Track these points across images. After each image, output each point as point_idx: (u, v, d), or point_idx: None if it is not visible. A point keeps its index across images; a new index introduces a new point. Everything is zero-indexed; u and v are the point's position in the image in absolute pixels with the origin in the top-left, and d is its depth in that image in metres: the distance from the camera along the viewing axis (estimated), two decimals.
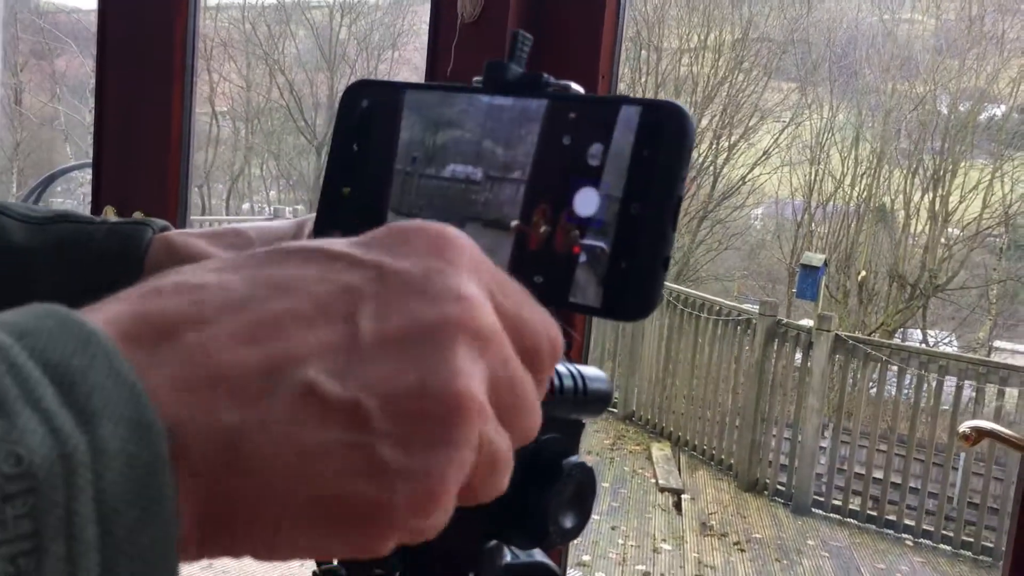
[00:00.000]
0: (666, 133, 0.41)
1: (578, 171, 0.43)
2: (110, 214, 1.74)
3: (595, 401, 0.45)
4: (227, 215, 11.44)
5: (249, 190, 13.14)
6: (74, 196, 10.60)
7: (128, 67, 1.70)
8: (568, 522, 0.43)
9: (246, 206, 12.68)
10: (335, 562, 0.50)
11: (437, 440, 0.28)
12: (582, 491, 0.44)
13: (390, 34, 12.64)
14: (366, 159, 0.49)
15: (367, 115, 0.50)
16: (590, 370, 0.45)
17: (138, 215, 1.67)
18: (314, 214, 0.52)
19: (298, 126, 12.35)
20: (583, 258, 0.42)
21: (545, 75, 0.46)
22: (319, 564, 0.50)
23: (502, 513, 0.44)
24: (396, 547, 0.48)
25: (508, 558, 0.48)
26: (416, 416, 0.28)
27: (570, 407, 0.44)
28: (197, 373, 0.27)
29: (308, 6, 12.82)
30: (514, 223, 0.44)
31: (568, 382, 0.44)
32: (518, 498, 0.43)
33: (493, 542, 0.47)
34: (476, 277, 0.31)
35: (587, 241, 0.42)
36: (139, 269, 0.52)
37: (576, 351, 1.12)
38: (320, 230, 0.51)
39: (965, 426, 1.39)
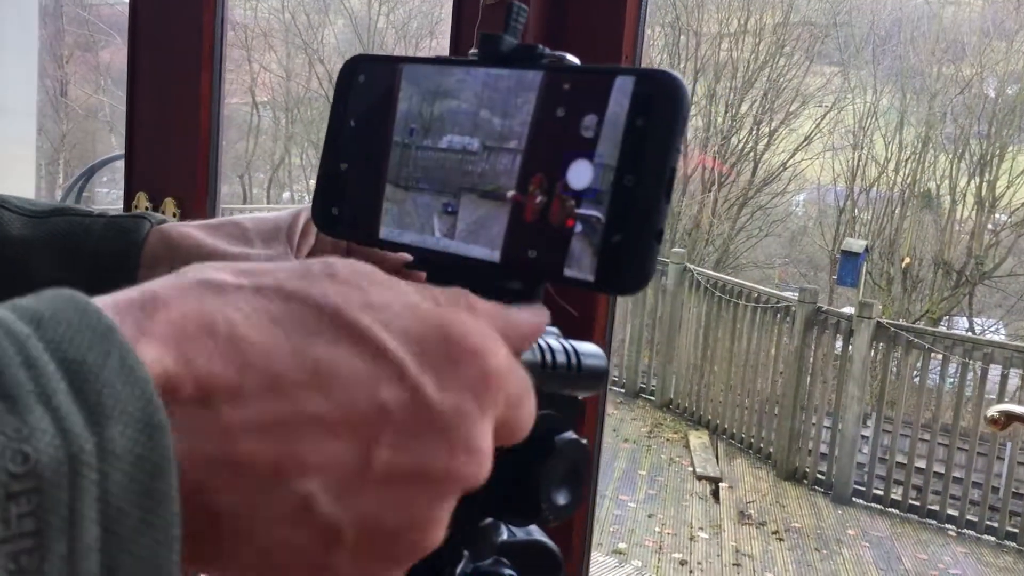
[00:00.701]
0: (659, 103, 0.40)
1: (573, 143, 0.42)
2: (142, 201, 1.76)
3: (589, 377, 0.44)
4: (268, 203, 11.54)
5: (289, 179, 13.25)
6: (118, 186, 10.76)
7: (158, 56, 1.72)
8: (561, 499, 0.42)
9: (286, 195, 12.80)
10: None
11: None
12: (576, 468, 0.43)
13: (428, 22, 12.65)
14: (363, 133, 0.49)
15: (364, 90, 0.49)
16: (585, 346, 0.45)
17: (146, 206, 1.69)
18: (309, 204, 0.52)
19: None
20: (578, 229, 0.42)
21: (540, 46, 0.45)
22: None
23: (495, 490, 0.43)
24: None
25: (505, 535, 0.48)
26: (379, 555, 0.30)
27: (563, 383, 0.43)
28: (214, 454, 0.28)
29: None
30: (510, 193, 0.44)
31: (561, 358, 0.43)
32: (511, 475, 0.43)
33: (488, 520, 0.46)
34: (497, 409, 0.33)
35: (582, 212, 0.42)
36: (136, 263, 0.52)
37: (599, 334, 1.11)
38: (319, 205, 0.51)
39: (993, 410, 1.36)
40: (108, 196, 10.83)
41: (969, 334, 9.01)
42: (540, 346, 0.43)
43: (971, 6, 11.55)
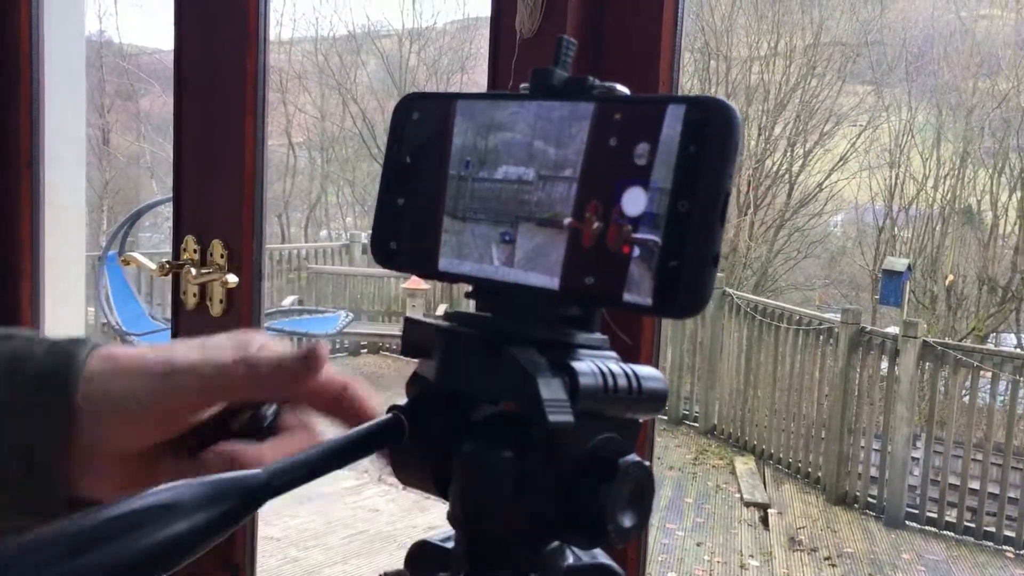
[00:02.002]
0: (711, 129, 0.41)
1: (627, 170, 0.43)
2: (191, 244, 1.80)
3: (650, 400, 0.45)
4: (305, 242, 11.68)
5: (326, 217, 13.40)
6: (160, 230, 10.96)
7: (203, 103, 1.76)
8: (627, 521, 0.43)
9: (323, 233, 12.94)
10: (401, 565, 0.51)
11: None
12: (640, 489, 0.43)
13: (458, 58, 12.80)
14: (419, 169, 0.50)
15: (418, 126, 0.51)
16: (645, 369, 0.45)
17: (194, 248, 1.72)
18: (260, 331, 0.53)
19: (371, 153, 12.56)
20: (635, 255, 0.43)
21: (590, 78, 0.46)
22: (386, 574, 0.51)
23: (562, 514, 0.44)
24: (461, 550, 0.48)
25: (571, 560, 0.48)
26: None
27: (624, 406, 0.44)
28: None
29: (378, 35, 13.08)
30: (567, 221, 0.45)
31: (622, 381, 0.44)
32: (577, 498, 0.43)
33: (554, 543, 0.47)
34: None
35: (638, 237, 0.42)
36: (75, 386, 0.53)
37: (646, 358, 1.12)
38: (377, 241, 0.52)
39: None
40: (151, 240, 11.03)
41: (1018, 350, 8.84)
42: (602, 370, 0.44)
43: (1004, 20, 11.44)
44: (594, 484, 0.43)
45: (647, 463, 0.44)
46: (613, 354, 0.46)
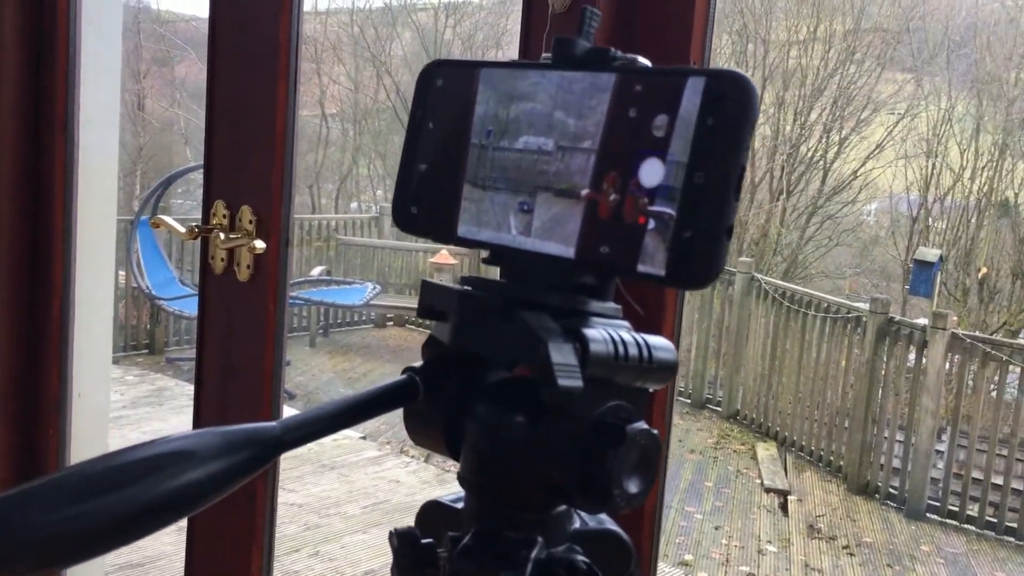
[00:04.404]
0: (729, 102, 0.41)
1: (645, 142, 0.44)
2: (220, 209, 1.82)
3: (660, 369, 0.45)
4: (336, 213, 11.73)
5: (357, 189, 13.44)
6: (193, 196, 11.04)
7: (236, 69, 1.78)
8: (633, 487, 0.44)
9: (354, 205, 12.99)
10: (413, 523, 0.52)
11: None
12: (647, 456, 0.44)
13: (494, 33, 12.74)
14: (442, 135, 0.51)
15: (442, 93, 0.51)
16: (656, 339, 0.46)
17: (224, 213, 1.74)
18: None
19: (404, 126, 12.53)
20: (650, 226, 0.43)
21: (612, 49, 0.47)
22: (395, 530, 0.52)
23: (569, 478, 0.45)
24: (470, 511, 0.49)
25: (577, 524, 0.49)
26: None
27: (635, 375, 0.45)
28: None
29: (414, 8, 13.04)
30: (585, 192, 0.45)
31: (633, 350, 0.44)
32: (584, 462, 0.44)
33: (561, 507, 0.48)
34: None
35: (654, 209, 0.43)
36: None
37: (668, 331, 1.12)
38: (398, 205, 0.53)
39: None
40: (183, 206, 11.12)
41: None
42: (613, 338, 0.44)
43: None
44: (602, 449, 0.43)
45: (655, 431, 0.44)
46: (625, 323, 0.46)
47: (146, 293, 6.87)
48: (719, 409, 7.50)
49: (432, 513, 0.52)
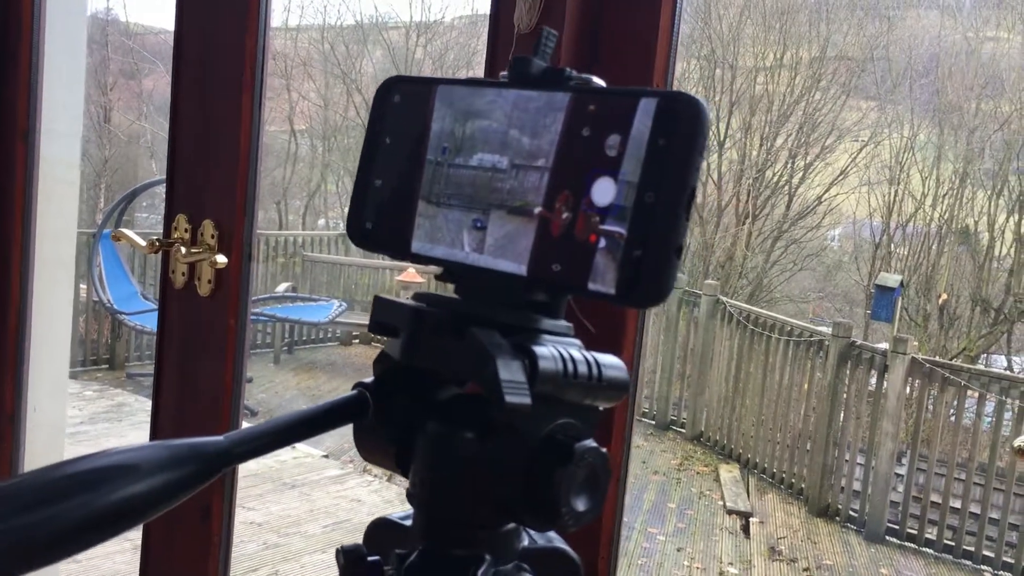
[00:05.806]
0: (681, 123, 0.42)
1: (598, 161, 0.44)
2: (182, 223, 1.80)
3: (610, 388, 0.46)
4: (303, 230, 11.67)
5: (325, 206, 13.39)
6: (157, 211, 10.93)
7: (201, 81, 1.77)
8: (581, 505, 0.44)
9: (321, 221, 12.93)
10: (360, 541, 0.52)
11: None
12: (595, 474, 0.44)
13: (464, 53, 12.79)
14: (398, 151, 0.51)
15: (399, 109, 0.51)
16: (606, 357, 0.46)
17: (186, 227, 1.72)
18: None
19: None
20: (601, 245, 0.43)
21: (568, 69, 0.47)
22: (342, 547, 0.52)
23: (518, 495, 0.45)
24: (418, 528, 0.49)
25: (526, 542, 0.49)
26: None
27: (584, 392, 0.45)
28: None
29: (385, 26, 13.06)
30: (537, 210, 0.46)
31: (582, 368, 0.45)
32: (532, 480, 0.44)
33: (510, 525, 0.48)
34: None
35: (605, 228, 0.43)
36: None
37: (628, 351, 1.12)
38: (353, 220, 0.53)
39: (1020, 440, 1.34)
40: (147, 220, 11.01)
41: (1007, 372, 8.86)
42: (562, 356, 0.44)
43: (1011, 42, 11.46)
44: (550, 467, 0.43)
45: (603, 449, 0.45)
46: (577, 341, 0.47)
47: (107, 307, 6.78)
48: (683, 431, 7.53)
49: (381, 530, 0.51)
